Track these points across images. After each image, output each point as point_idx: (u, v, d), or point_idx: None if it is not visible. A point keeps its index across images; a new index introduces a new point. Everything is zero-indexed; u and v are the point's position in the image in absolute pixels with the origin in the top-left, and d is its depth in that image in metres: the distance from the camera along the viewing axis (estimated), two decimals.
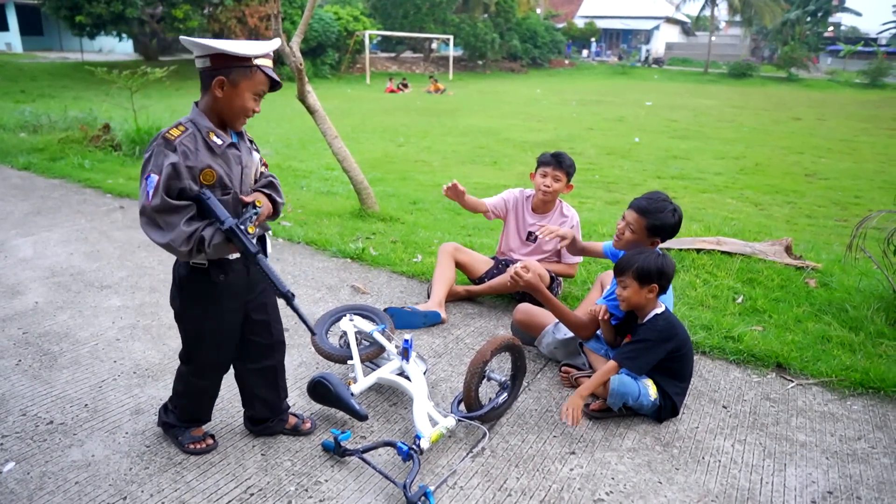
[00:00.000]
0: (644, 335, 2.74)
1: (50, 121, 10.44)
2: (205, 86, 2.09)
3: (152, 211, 1.97)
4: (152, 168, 1.99)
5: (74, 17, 22.38)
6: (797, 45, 41.45)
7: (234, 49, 2.00)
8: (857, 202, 8.70)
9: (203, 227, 2.03)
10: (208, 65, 2.03)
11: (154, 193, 1.96)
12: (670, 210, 2.91)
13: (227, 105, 2.09)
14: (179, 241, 1.99)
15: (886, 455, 2.64)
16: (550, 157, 3.83)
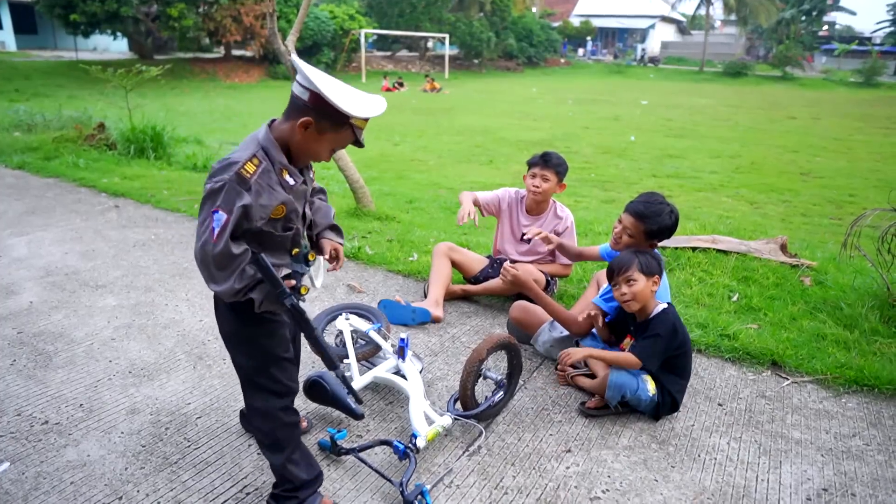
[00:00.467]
0: (657, 330, 2.72)
1: (44, 120, 10.40)
2: (291, 114, 1.88)
3: (212, 256, 1.79)
4: (222, 204, 1.78)
5: (69, 15, 22.30)
6: (792, 44, 41.55)
7: (336, 101, 1.80)
8: (852, 201, 8.74)
9: (252, 287, 1.87)
10: (305, 99, 1.83)
11: (219, 235, 1.78)
12: (667, 212, 2.92)
13: (301, 145, 1.90)
14: (227, 295, 1.86)
15: (881, 452, 2.65)
16: (538, 157, 3.82)
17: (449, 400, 2.79)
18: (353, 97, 1.85)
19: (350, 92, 1.87)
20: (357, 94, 1.89)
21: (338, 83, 1.87)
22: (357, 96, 1.88)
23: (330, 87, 1.82)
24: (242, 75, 27.68)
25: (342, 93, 1.84)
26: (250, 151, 1.85)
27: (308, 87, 1.82)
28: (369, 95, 1.93)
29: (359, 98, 1.88)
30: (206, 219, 1.80)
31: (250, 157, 1.83)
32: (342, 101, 1.81)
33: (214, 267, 1.81)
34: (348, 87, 1.89)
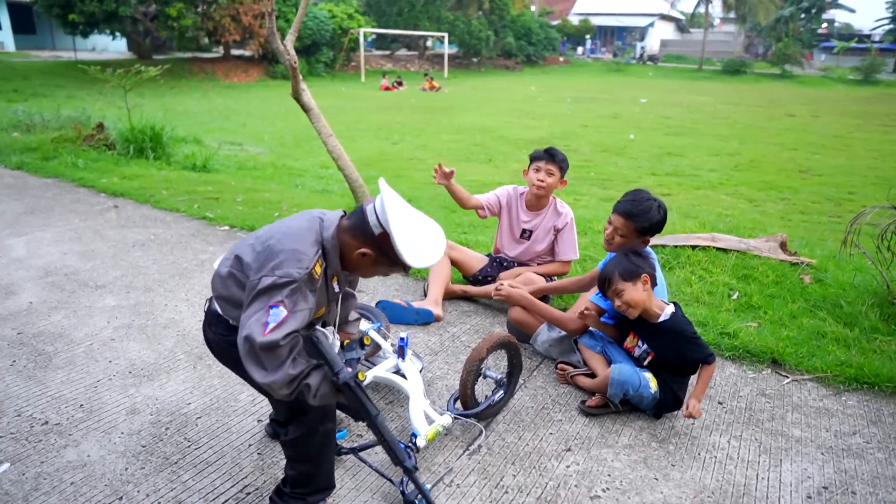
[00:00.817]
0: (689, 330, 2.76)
1: (43, 120, 10.38)
2: (358, 234, 1.87)
3: (259, 346, 1.72)
4: (286, 302, 1.74)
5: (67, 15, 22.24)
6: (791, 41, 41.54)
7: (403, 252, 1.81)
8: (851, 198, 8.74)
9: (308, 373, 1.82)
10: (375, 233, 1.83)
11: (275, 329, 1.72)
12: (655, 208, 2.92)
13: (356, 265, 1.93)
14: (280, 384, 1.76)
15: (881, 450, 2.65)
16: (543, 152, 3.80)
17: (449, 399, 2.79)
18: (418, 245, 1.86)
19: (417, 236, 1.86)
20: (426, 239, 1.89)
21: (414, 226, 1.86)
22: (425, 243, 1.88)
23: (402, 233, 1.81)
24: (241, 75, 27.65)
25: (410, 240, 1.83)
26: (316, 248, 1.84)
27: (384, 226, 1.82)
28: (435, 235, 1.93)
29: (423, 245, 1.87)
30: (262, 310, 1.74)
31: (318, 258, 1.83)
32: (407, 252, 1.82)
33: (264, 356, 1.73)
34: (421, 228, 1.89)
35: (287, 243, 1.81)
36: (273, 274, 1.76)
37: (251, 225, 5.45)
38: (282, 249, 1.80)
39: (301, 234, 1.86)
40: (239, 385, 2.99)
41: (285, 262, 1.77)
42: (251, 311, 1.76)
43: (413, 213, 1.90)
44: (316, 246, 1.85)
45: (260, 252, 1.85)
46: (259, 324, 1.73)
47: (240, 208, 6.05)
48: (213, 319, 2.03)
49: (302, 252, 1.79)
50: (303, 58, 28.56)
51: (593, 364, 3.00)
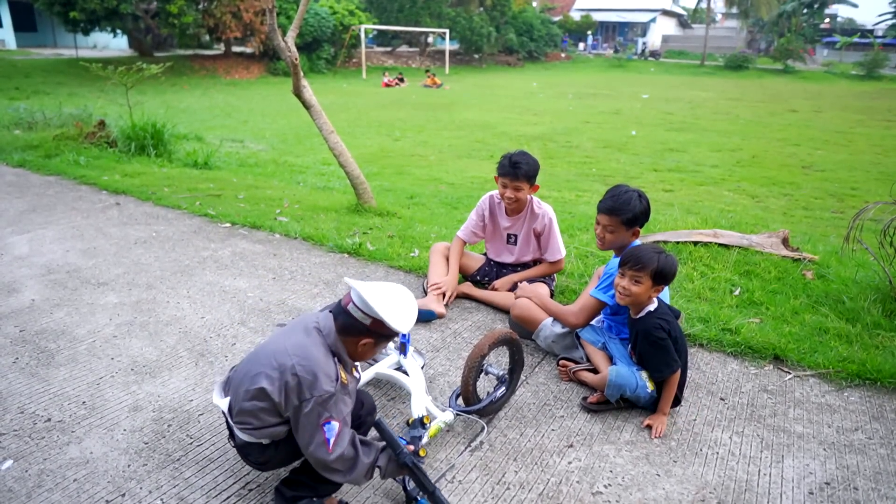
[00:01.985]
0: (656, 335, 2.71)
1: (45, 117, 10.39)
2: (350, 332, 2.05)
3: (334, 462, 1.94)
4: (333, 415, 1.94)
5: (68, 12, 22.25)
6: (793, 36, 41.42)
7: (395, 325, 2.01)
8: (854, 194, 8.72)
9: (378, 456, 2.05)
10: (366, 323, 2.02)
11: (336, 444, 1.93)
12: (636, 198, 2.96)
13: (360, 354, 2.11)
14: (360, 476, 2.01)
15: (883, 445, 2.65)
16: (508, 167, 3.66)
17: (451, 395, 2.79)
18: (402, 313, 2.05)
19: (397, 306, 2.05)
20: (402, 306, 2.07)
21: (390, 300, 2.04)
22: (403, 307, 2.07)
23: (389, 312, 2.00)
24: (242, 72, 27.64)
25: (398, 312, 2.03)
26: (332, 358, 2.02)
27: (370, 314, 2.00)
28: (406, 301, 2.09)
29: (405, 309, 2.07)
30: (316, 430, 1.93)
31: (337, 366, 2.03)
32: (398, 323, 2.02)
33: (339, 466, 1.96)
34: (395, 298, 2.06)
35: (310, 366, 1.96)
36: (312, 396, 1.93)
37: (253, 222, 5.45)
38: (309, 373, 1.95)
39: (315, 351, 2.00)
40: None
41: (317, 382, 1.94)
42: (307, 435, 1.95)
43: (381, 288, 2.07)
44: (330, 357, 2.03)
45: (288, 382, 1.96)
46: (322, 446, 1.93)
47: (241, 205, 6.06)
48: (246, 450, 2.13)
49: (326, 367, 1.98)
50: (304, 54, 28.54)
51: (595, 359, 3.00)
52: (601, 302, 3.02)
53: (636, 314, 2.81)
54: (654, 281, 2.70)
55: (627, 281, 2.73)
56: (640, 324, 2.78)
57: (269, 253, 4.80)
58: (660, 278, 2.70)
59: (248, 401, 2.02)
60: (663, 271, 2.69)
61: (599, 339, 3.05)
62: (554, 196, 7.62)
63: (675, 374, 2.71)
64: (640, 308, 2.79)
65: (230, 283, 4.18)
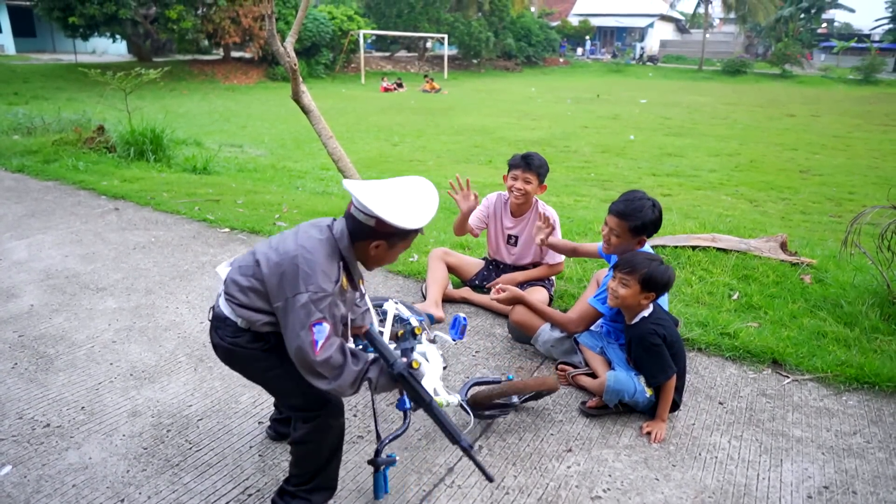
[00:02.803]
0: (650, 340, 2.73)
1: (43, 123, 10.40)
2: (360, 236, 1.95)
3: (319, 365, 1.85)
4: (326, 317, 1.86)
5: (67, 18, 22.26)
6: (791, 41, 41.57)
7: (401, 222, 1.87)
8: (851, 198, 8.74)
9: (368, 367, 1.97)
10: (371, 224, 1.91)
11: (325, 345, 1.85)
12: (649, 206, 2.93)
13: (375, 259, 2.03)
14: (345, 386, 1.91)
15: (881, 449, 2.65)
16: (520, 159, 3.75)
17: (464, 386, 2.80)
18: (411, 206, 1.91)
19: (406, 199, 1.92)
20: (412, 198, 1.94)
21: (393, 196, 1.91)
22: (413, 201, 1.93)
23: (392, 209, 1.87)
24: (241, 77, 27.68)
25: (403, 208, 1.89)
26: (337, 262, 1.93)
27: (371, 214, 1.88)
28: (419, 189, 1.97)
29: (415, 203, 1.93)
30: (304, 329, 1.83)
31: (341, 270, 1.94)
32: (407, 220, 1.88)
33: (323, 370, 1.87)
34: (401, 193, 1.93)
35: (313, 259, 1.88)
36: (307, 290, 1.84)
37: (252, 227, 5.46)
38: (310, 265, 1.86)
39: (322, 248, 1.92)
40: (240, 387, 2.99)
41: (315, 277, 1.85)
42: (294, 330, 1.85)
43: (388, 185, 1.95)
44: (336, 259, 1.94)
45: (286, 270, 1.88)
46: (309, 345, 1.83)
47: (240, 210, 6.06)
48: (219, 323, 2.05)
49: (328, 267, 1.89)
50: (303, 59, 28.60)
51: (594, 364, 3.01)
52: (598, 311, 3.04)
53: (630, 320, 2.82)
54: (643, 287, 2.70)
55: (616, 283, 2.76)
56: (634, 329, 2.78)
57: None
58: (649, 285, 2.70)
59: (243, 275, 1.98)
60: (652, 278, 2.69)
61: (598, 343, 3.05)
62: (552, 201, 7.63)
63: (672, 380, 2.72)
64: (634, 314, 2.80)
65: None
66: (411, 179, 2.01)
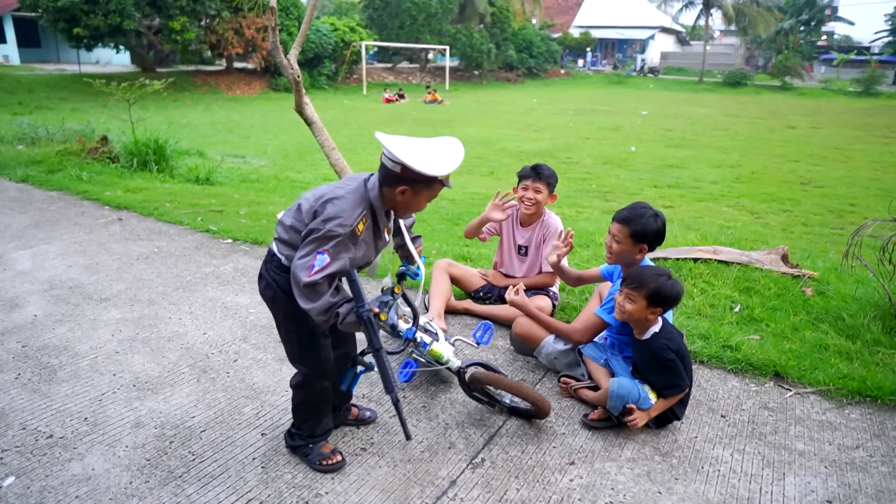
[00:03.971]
0: (665, 356, 2.74)
1: (48, 133, 10.45)
2: (388, 182, 2.19)
3: (305, 285, 2.11)
4: (330, 251, 2.11)
5: (72, 29, 22.43)
6: (791, 53, 41.74)
7: (424, 169, 2.10)
8: (853, 210, 8.75)
9: (342, 303, 2.20)
10: (398, 171, 2.14)
11: (318, 273, 2.10)
12: (651, 215, 2.95)
13: (402, 205, 2.26)
14: (319, 311, 2.14)
15: (884, 463, 2.65)
16: (530, 169, 3.82)
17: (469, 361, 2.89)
18: (435, 157, 2.15)
19: (431, 151, 2.17)
20: (438, 150, 2.19)
21: (420, 147, 2.15)
22: (438, 153, 2.18)
23: (415, 156, 2.11)
24: (244, 87, 27.83)
25: (427, 157, 2.13)
26: (361, 209, 2.17)
27: (396, 161, 2.11)
28: (447, 145, 2.22)
29: (440, 155, 2.17)
30: (310, 255, 2.12)
31: (362, 217, 2.17)
32: (429, 167, 2.11)
33: (308, 292, 2.13)
34: (428, 146, 2.18)
35: (338, 203, 2.14)
36: (323, 227, 2.11)
37: (255, 238, 5.48)
38: (333, 208, 2.13)
39: (351, 196, 2.18)
40: (243, 399, 3.00)
41: (334, 218, 2.11)
42: (302, 254, 2.13)
43: (418, 139, 2.19)
44: (361, 206, 2.17)
45: (317, 210, 2.17)
46: (306, 267, 2.10)
47: (243, 221, 6.08)
48: (268, 258, 2.36)
49: (348, 212, 2.13)
50: (305, 70, 28.74)
51: (597, 375, 3.01)
52: (604, 321, 3.04)
53: (640, 335, 2.82)
54: (650, 302, 2.71)
55: (623, 298, 2.77)
56: (648, 346, 2.78)
57: None
58: (656, 300, 2.70)
59: (287, 216, 2.28)
60: (660, 293, 2.69)
61: (602, 355, 3.06)
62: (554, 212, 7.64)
63: (678, 396, 2.72)
64: (643, 329, 2.80)
65: (232, 299, 4.20)
66: (442, 137, 2.24)
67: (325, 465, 2.50)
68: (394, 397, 2.29)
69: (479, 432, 2.79)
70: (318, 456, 2.52)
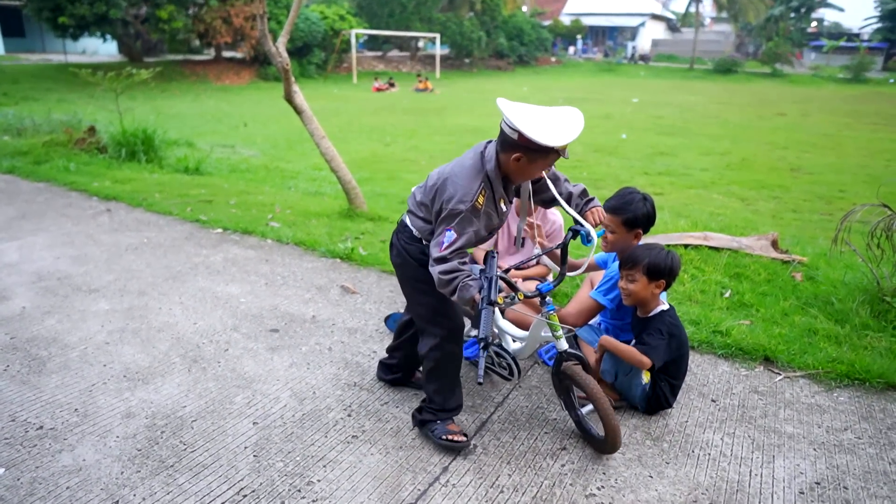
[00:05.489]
0: (659, 327, 2.74)
1: (34, 124, 10.34)
2: (505, 148, 2.26)
3: (435, 259, 2.30)
4: (456, 227, 2.27)
5: (57, 18, 22.14)
6: (781, 40, 41.75)
7: (540, 138, 2.12)
8: (842, 196, 8.80)
9: (462, 278, 2.29)
10: (515, 138, 2.18)
11: (447, 248, 2.27)
12: (640, 199, 2.95)
13: (517, 173, 2.32)
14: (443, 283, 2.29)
15: (872, 445, 2.67)
16: None
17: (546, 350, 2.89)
18: (553, 127, 2.18)
19: (550, 120, 2.19)
20: (556, 120, 2.21)
21: (538, 116, 2.19)
22: (556, 123, 2.20)
23: (533, 125, 2.14)
24: (233, 77, 27.59)
25: (544, 126, 2.16)
26: (479, 182, 2.28)
27: (514, 128, 2.16)
28: (566, 115, 2.24)
29: (558, 125, 2.20)
30: (441, 234, 2.30)
31: (481, 190, 2.28)
32: (545, 136, 2.14)
33: (437, 264, 2.30)
34: (547, 115, 2.21)
35: (458, 181, 2.28)
36: (447, 207, 2.27)
37: (244, 227, 5.45)
38: (452, 187, 2.28)
39: (467, 172, 2.29)
40: (234, 388, 2.99)
41: (455, 197, 2.26)
42: (436, 234, 2.34)
43: (537, 107, 2.22)
44: (479, 180, 2.28)
45: (439, 188, 2.32)
46: (437, 244, 2.31)
47: (233, 211, 6.05)
48: (400, 228, 2.57)
49: (467, 188, 2.26)
50: (294, 59, 28.51)
51: (591, 359, 3.01)
52: (599, 304, 3.04)
53: (644, 314, 2.82)
54: (649, 277, 2.71)
55: (624, 281, 2.77)
56: (651, 321, 2.77)
57: (261, 258, 4.79)
58: (655, 273, 2.71)
59: (418, 190, 2.48)
60: (657, 265, 2.70)
61: (594, 335, 3.06)
62: None
63: (648, 364, 2.71)
64: (648, 308, 2.80)
65: (222, 289, 4.18)
66: (563, 107, 2.27)
67: (450, 441, 2.52)
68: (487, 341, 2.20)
69: (471, 419, 2.80)
70: (444, 431, 2.55)
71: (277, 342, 3.47)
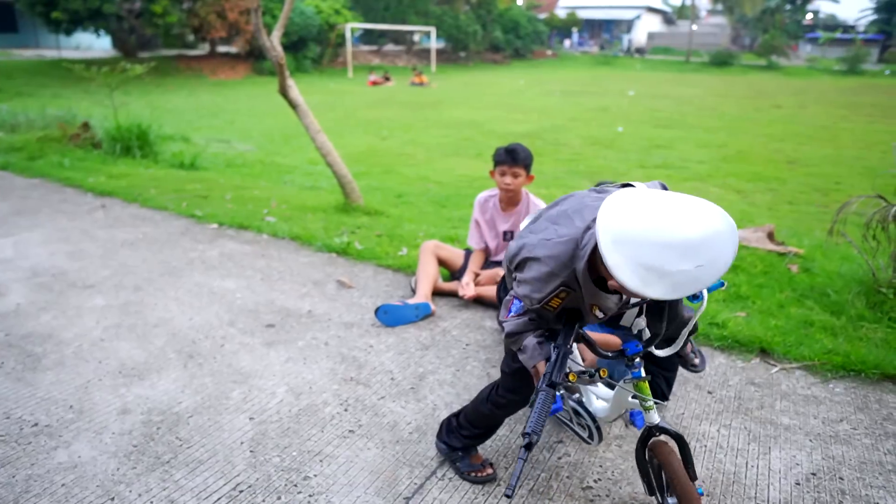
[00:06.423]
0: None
1: (28, 119, 10.29)
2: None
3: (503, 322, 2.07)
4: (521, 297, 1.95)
5: (50, 13, 22.02)
6: (777, 33, 41.74)
7: (645, 293, 1.48)
8: (838, 188, 8.81)
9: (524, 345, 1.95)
10: None
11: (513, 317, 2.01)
12: None
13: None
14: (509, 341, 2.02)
15: (867, 436, 2.68)
16: (505, 154, 3.69)
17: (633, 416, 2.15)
18: (653, 277, 1.48)
19: (645, 252, 1.47)
20: (683, 257, 1.52)
21: (631, 231, 1.48)
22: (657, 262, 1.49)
23: (614, 257, 1.46)
24: (228, 72, 27.47)
25: (630, 259, 1.45)
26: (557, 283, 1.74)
27: (608, 267, 1.51)
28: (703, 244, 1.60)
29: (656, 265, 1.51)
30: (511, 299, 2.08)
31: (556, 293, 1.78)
32: (627, 279, 1.46)
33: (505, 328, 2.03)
34: (673, 241, 1.52)
35: (534, 268, 1.74)
36: (517, 287, 1.86)
37: (240, 223, 5.43)
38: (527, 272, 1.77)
39: (550, 261, 1.71)
40: (231, 383, 2.99)
41: (523, 285, 1.81)
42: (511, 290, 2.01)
43: (658, 226, 1.42)
44: (558, 280, 1.70)
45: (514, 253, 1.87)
46: (506, 306, 2.09)
47: (229, 206, 6.03)
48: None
49: (538, 287, 1.75)
50: (290, 54, 28.38)
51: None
52: None
53: None
54: None
55: None
56: None
57: (257, 253, 4.78)
58: None
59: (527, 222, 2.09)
60: None
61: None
62: (542, 193, 7.63)
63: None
64: None
65: (218, 284, 4.17)
66: (703, 220, 1.53)
67: (476, 477, 2.37)
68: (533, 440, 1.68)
69: None
70: (468, 467, 2.39)
71: (273, 337, 3.47)
